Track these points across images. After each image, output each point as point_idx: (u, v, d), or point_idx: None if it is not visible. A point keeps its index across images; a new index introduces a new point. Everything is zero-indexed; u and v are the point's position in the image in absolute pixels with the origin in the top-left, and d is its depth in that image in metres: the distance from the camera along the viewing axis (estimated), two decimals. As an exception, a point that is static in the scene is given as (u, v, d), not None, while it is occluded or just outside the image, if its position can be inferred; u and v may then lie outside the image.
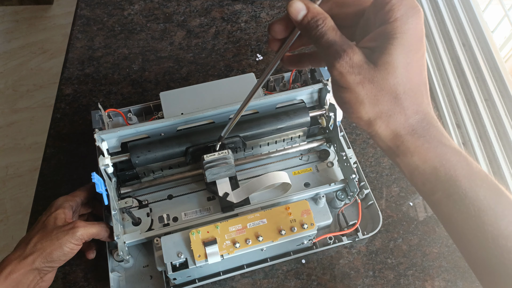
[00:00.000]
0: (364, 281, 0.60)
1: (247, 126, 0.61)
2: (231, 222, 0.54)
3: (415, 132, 0.32)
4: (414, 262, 0.61)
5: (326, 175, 0.66)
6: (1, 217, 1.41)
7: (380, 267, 0.61)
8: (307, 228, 0.54)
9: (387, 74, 0.30)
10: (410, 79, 0.31)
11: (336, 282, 0.60)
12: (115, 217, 0.55)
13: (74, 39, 0.83)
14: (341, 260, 0.61)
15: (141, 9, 0.88)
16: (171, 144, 0.59)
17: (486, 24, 0.82)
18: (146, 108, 0.70)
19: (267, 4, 0.89)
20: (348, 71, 0.31)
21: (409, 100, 0.31)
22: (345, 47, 0.30)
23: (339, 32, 0.31)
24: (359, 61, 0.30)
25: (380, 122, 0.32)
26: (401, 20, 0.29)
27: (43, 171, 0.67)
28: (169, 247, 0.53)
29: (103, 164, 0.55)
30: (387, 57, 0.30)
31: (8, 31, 1.87)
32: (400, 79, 0.30)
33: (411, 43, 0.30)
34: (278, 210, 0.56)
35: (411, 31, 0.29)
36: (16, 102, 1.67)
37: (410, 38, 0.30)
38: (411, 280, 0.60)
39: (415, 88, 0.31)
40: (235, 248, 0.53)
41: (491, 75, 0.77)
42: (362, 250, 0.62)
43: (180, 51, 0.82)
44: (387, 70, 0.30)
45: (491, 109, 0.74)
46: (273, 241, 0.54)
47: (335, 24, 0.31)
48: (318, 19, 0.31)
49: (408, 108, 0.31)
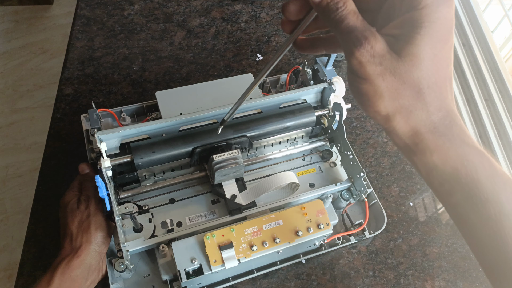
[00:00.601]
0: (364, 281, 0.60)
1: (253, 125, 0.60)
2: (246, 224, 0.53)
3: (437, 130, 0.29)
4: (414, 262, 0.61)
5: (330, 175, 0.66)
6: (1, 217, 1.40)
7: (380, 267, 0.61)
8: (323, 228, 0.54)
9: (411, 66, 0.28)
10: (435, 72, 0.28)
11: (336, 282, 0.60)
12: (118, 223, 0.52)
13: (74, 39, 0.83)
14: (341, 260, 0.61)
15: (141, 9, 0.88)
16: (176, 144, 0.57)
17: (486, 24, 0.82)
18: (138, 109, 0.68)
19: (267, 4, 0.89)
20: (368, 60, 0.28)
21: (433, 95, 0.28)
22: (366, 33, 0.28)
23: (360, 17, 0.28)
24: (381, 50, 0.28)
25: (399, 117, 0.29)
26: (431, 8, 0.27)
27: (43, 171, 0.67)
28: (181, 253, 0.50)
29: (104, 167, 0.52)
30: (413, 47, 0.27)
31: (8, 31, 1.87)
32: (425, 72, 0.28)
33: (440, 33, 0.27)
34: (293, 210, 0.55)
35: (440, 20, 0.27)
36: (16, 102, 1.67)
37: (439, 28, 0.27)
38: (411, 280, 0.60)
39: (441, 82, 0.28)
40: (252, 251, 0.51)
41: (491, 75, 0.77)
42: (362, 250, 0.62)
43: (180, 51, 0.82)
44: (412, 61, 0.28)
45: (491, 109, 0.74)
46: (290, 242, 0.52)
47: (356, 8, 0.28)
48: (338, 1, 0.28)
49: (431, 104, 0.29)
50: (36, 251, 0.59)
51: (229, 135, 0.59)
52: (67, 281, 0.48)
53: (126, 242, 0.53)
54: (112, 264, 0.53)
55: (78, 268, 0.49)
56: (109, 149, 0.56)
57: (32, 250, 0.59)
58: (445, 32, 0.27)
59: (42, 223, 0.61)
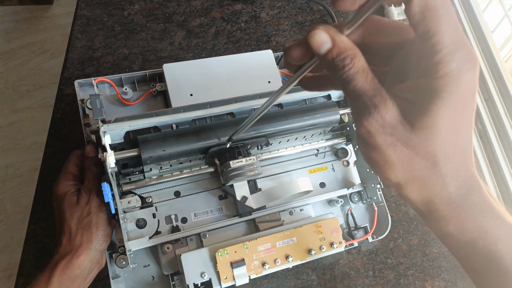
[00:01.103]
0: (364, 281, 0.60)
1: (273, 122, 0.55)
2: (260, 241, 0.52)
3: (453, 201, 0.27)
4: (414, 262, 0.61)
5: (342, 175, 0.63)
6: (1, 217, 1.40)
7: (380, 267, 0.61)
8: (336, 247, 0.53)
9: (426, 140, 0.25)
10: (454, 143, 0.25)
11: (336, 282, 0.59)
12: (122, 225, 0.50)
13: (74, 39, 0.83)
14: (341, 260, 0.61)
15: (141, 9, 0.88)
16: (189, 142, 0.51)
17: (486, 24, 0.82)
18: (140, 78, 0.61)
19: (267, 4, 0.89)
20: (377, 130, 0.25)
21: (450, 165, 0.26)
22: (376, 100, 0.25)
23: (370, 75, 0.25)
24: (393, 120, 0.25)
25: (412, 187, 0.27)
26: (451, 77, 0.23)
27: (43, 171, 0.67)
28: (191, 266, 0.49)
29: (110, 168, 0.47)
30: (428, 119, 0.24)
31: (8, 31, 1.87)
32: (441, 145, 0.25)
33: (460, 102, 0.24)
34: (308, 228, 0.54)
35: (461, 89, 0.24)
36: (16, 102, 1.67)
37: (459, 98, 0.24)
38: (411, 280, 0.60)
39: (459, 152, 0.26)
40: (264, 269, 0.50)
41: (491, 75, 0.77)
42: (362, 250, 0.62)
43: (180, 51, 0.82)
44: (427, 135, 0.25)
45: (491, 109, 0.74)
46: (302, 260, 0.52)
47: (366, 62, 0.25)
48: (345, 57, 0.24)
49: (447, 175, 0.26)
50: (36, 251, 0.59)
51: (246, 133, 0.54)
52: (66, 281, 0.47)
53: (129, 241, 0.51)
54: (113, 258, 0.52)
55: (78, 268, 0.47)
56: (113, 140, 0.52)
57: (32, 250, 0.59)
58: (466, 100, 0.24)
59: (42, 223, 0.61)
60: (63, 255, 0.48)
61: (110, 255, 0.52)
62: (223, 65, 0.61)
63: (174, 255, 0.53)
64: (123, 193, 0.54)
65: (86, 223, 0.49)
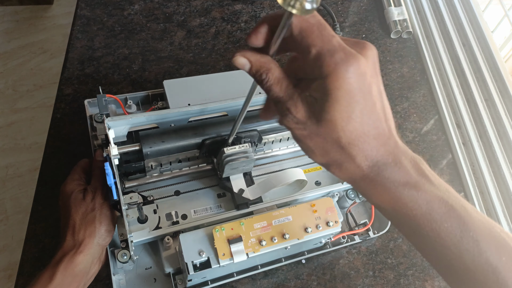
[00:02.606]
0: (364, 281, 0.60)
1: None
2: (256, 219, 0.52)
3: (368, 177, 0.32)
4: (414, 262, 0.61)
5: None
6: (1, 217, 1.40)
7: (380, 267, 0.61)
8: (332, 225, 0.54)
9: (329, 130, 0.30)
10: (353, 131, 0.30)
11: (336, 282, 0.60)
12: (124, 213, 0.51)
13: (74, 39, 0.83)
14: (341, 260, 0.61)
15: (141, 9, 0.88)
16: (186, 135, 0.55)
17: (486, 24, 0.82)
18: (143, 98, 0.68)
19: (267, 4, 0.89)
20: (295, 127, 0.32)
21: (356, 149, 0.31)
22: (289, 104, 0.31)
23: (284, 84, 0.31)
24: (303, 118, 0.31)
25: (333, 168, 0.33)
26: (333, 76, 0.28)
27: (43, 171, 0.67)
28: (189, 245, 0.50)
29: (113, 154, 0.50)
30: (325, 114, 0.30)
31: (8, 31, 1.87)
32: (341, 133, 0.30)
33: (349, 96, 0.29)
34: (303, 207, 0.54)
35: (345, 86, 0.28)
36: (16, 102, 1.67)
37: (346, 93, 0.29)
38: (411, 280, 0.60)
39: (362, 137, 0.30)
40: (261, 246, 0.51)
41: (491, 75, 0.77)
42: (362, 250, 0.62)
43: (180, 51, 0.82)
44: (328, 126, 0.30)
45: (491, 109, 0.74)
46: (299, 238, 0.52)
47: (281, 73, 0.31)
48: (261, 73, 0.31)
49: (356, 157, 0.31)
50: (36, 251, 0.59)
51: (240, 128, 0.56)
52: (69, 276, 0.47)
53: (131, 232, 0.52)
54: (114, 255, 0.52)
55: (80, 263, 0.48)
56: (116, 137, 0.54)
57: (32, 250, 0.59)
58: (356, 93, 0.29)
59: (42, 223, 0.61)
60: (67, 251, 0.49)
61: (112, 252, 0.53)
62: (219, 81, 0.66)
63: (174, 251, 0.54)
64: (125, 192, 0.56)
65: (90, 218, 0.50)
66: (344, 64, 0.28)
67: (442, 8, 0.86)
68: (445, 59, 0.81)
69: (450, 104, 0.77)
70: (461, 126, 0.74)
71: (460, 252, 0.32)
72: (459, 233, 0.32)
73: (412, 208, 0.32)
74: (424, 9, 0.87)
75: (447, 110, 0.76)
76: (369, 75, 0.29)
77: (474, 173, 0.70)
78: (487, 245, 0.31)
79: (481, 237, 0.32)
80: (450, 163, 0.72)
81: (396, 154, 0.32)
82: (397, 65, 0.82)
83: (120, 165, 0.55)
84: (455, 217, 0.32)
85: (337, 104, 0.29)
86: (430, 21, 0.85)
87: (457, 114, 0.75)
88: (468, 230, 0.31)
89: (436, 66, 0.81)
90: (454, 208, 0.32)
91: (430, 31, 0.84)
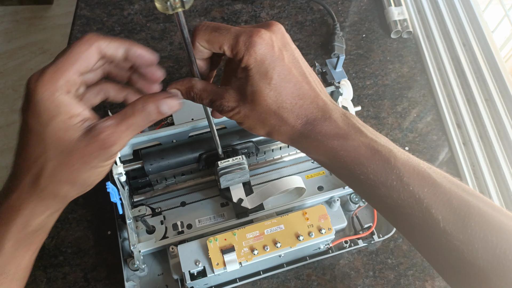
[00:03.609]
0: (364, 281, 0.60)
1: None
2: (248, 229, 0.54)
3: (302, 134, 0.37)
4: (414, 262, 0.61)
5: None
6: (1, 217, 1.40)
7: (380, 267, 0.61)
8: (325, 233, 0.54)
9: (258, 103, 0.35)
10: (277, 95, 0.35)
11: (336, 282, 0.60)
12: (130, 226, 0.55)
13: (74, 39, 0.83)
14: (341, 261, 0.61)
15: (141, 9, 0.88)
16: (184, 150, 0.59)
17: (486, 24, 0.82)
18: None
19: (267, 4, 0.89)
20: (232, 115, 0.37)
21: (287, 112, 0.36)
22: (218, 101, 0.36)
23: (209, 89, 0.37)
24: (235, 103, 0.36)
25: (275, 135, 0.38)
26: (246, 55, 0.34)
27: (43, 171, 0.67)
28: (186, 256, 0.53)
29: (116, 173, 0.54)
30: (250, 87, 0.35)
31: (8, 31, 1.87)
32: (269, 100, 0.35)
33: (263, 66, 0.34)
34: (295, 215, 0.55)
35: (258, 57, 0.34)
36: (16, 102, 1.67)
37: (260, 63, 0.34)
38: (411, 280, 0.60)
39: (288, 99, 0.35)
40: (253, 255, 0.52)
41: (491, 75, 0.77)
42: (362, 250, 0.62)
43: (180, 51, 0.82)
44: (256, 98, 0.35)
45: (491, 109, 0.74)
46: (291, 247, 0.53)
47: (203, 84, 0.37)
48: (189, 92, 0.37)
49: (288, 118, 0.36)
50: (36, 251, 0.59)
51: (235, 140, 0.60)
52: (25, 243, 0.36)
53: (139, 243, 0.56)
54: (127, 263, 0.56)
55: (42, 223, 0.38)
56: (123, 156, 0.59)
57: (32, 250, 0.59)
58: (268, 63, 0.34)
59: (42, 223, 0.61)
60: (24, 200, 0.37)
61: (125, 260, 0.57)
62: None
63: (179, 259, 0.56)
64: (135, 206, 0.60)
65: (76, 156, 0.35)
66: (250, 40, 0.33)
67: (442, 8, 0.86)
68: (445, 59, 0.80)
69: (450, 104, 0.77)
70: (461, 126, 0.74)
71: (387, 189, 0.35)
72: (384, 173, 0.35)
73: (343, 155, 0.36)
74: (424, 9, 0.87)
75: (447, 110, 0.76)
76: (278, 45, 0.35)
77: (474, 173, 0.70)
78: (411, 180, 0.34)
79: (405, 173, 0.35)
80: (450, 163, 0.72)
81: (326, 110, 0.37)
82: (397, 65, 0.82)
83: (128, 180, 0.59)
84: (379, 159, 0.35)
85: (256, 75, 0.34)
86: (430, 21, 0.85)
87: (457, 114, 0.75)
88: (392, 168, 0.35)
89: (436, 66, 0.81)
90: (379, 151, 0.35)
91: (430, 31, 0.84)
